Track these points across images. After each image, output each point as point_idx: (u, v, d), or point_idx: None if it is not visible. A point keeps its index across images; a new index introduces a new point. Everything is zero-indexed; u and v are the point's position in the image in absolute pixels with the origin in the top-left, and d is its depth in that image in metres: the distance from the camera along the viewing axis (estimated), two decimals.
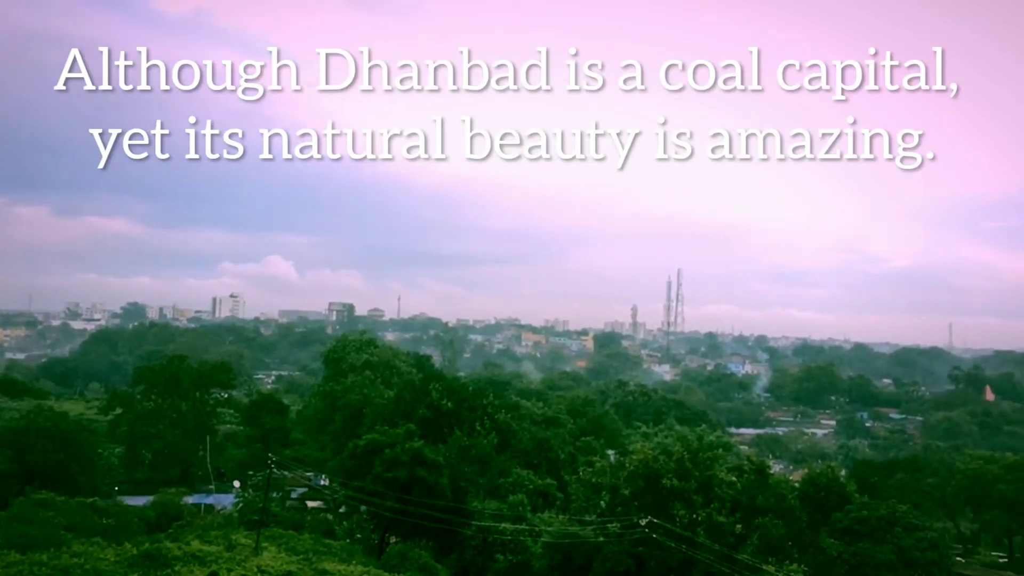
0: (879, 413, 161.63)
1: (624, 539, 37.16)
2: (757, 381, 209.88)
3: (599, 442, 71.74)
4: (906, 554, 40.33)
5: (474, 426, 58.67)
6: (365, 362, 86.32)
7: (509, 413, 63.26)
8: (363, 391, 71.49)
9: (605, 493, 42.45)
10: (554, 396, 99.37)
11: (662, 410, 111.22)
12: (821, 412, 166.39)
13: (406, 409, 60.13)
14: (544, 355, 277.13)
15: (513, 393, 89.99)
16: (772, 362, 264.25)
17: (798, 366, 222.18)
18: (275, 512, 46.78)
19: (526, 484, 50.20)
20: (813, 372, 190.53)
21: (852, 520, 42.56)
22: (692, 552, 36.04)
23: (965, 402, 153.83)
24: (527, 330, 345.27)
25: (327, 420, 73.31)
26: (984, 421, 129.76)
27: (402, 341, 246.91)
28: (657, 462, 40.18)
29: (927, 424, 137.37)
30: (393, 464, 43.07)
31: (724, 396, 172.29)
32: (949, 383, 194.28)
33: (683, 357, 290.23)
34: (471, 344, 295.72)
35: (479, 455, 54.40)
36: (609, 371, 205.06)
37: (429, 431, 54.62)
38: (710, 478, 40.06)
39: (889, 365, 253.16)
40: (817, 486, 45.77)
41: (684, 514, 38.86)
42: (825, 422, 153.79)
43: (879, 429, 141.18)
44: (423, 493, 42.28)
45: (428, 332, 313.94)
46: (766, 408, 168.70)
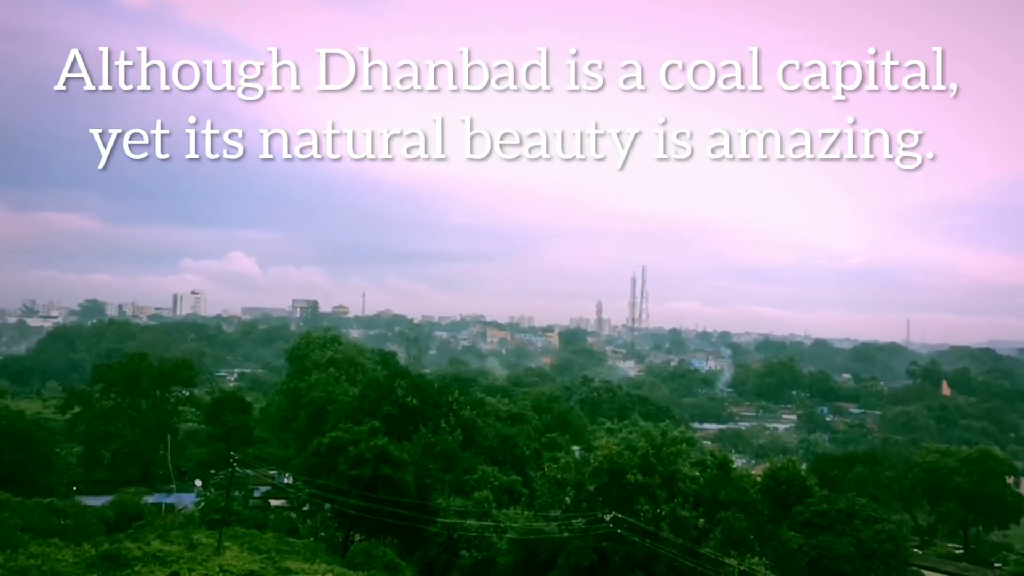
0: (839, 408, 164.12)
1: (589, 534, 37.31)
2: (720, 377, 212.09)
3: (564, 438, 72.04)
4: (865, 546, 41.01)
5: (439, 423, 58.57)
6: (329, 359, 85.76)
7: (474, 410, 63.25)
8: (327, 388, 70.98)
9: (570, 489, 42.57)
10: (519, 392, 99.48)
11: (627, 406, 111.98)
12: (783, 407, 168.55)
13: (371, 406, 59.84)
14: (510, 352, 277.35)
15: (478, 390, 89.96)
16: (735, 358, 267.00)
17: (760, 362, 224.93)
18: (237, 511, 46.31)
19: (491, 481, 50.19)
20: (775, 368, 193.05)
21: (812, 513, 43.19)
22: (656, 547, 36.31)
23: (922, 397, 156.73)
24: (492, 327, 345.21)
25: (291, 418, 72.67)
26: (940, 415, 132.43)
27: (367, 338, 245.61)
28: (622, 457, 40.35)
29: (885, 418, 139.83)
30: (357, 462, 42.84)
31: (688, 392, 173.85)
32: (907, 378, 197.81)
33: (647, 353, 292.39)
34: (436, 341, 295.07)
35: (444, 452, 54.32)
36: (574, 367, 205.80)
37: (394, 428, 54.40)
38: (674, 473, 40.32)
39: (849, 360, 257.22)
40: (778, 480, 46.35)
41: (648, 509, 39.06)
42: (786, 417, 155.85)
43: (839, 423, 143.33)
44: (388, 491, 42.11)
45: (393, 329, 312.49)
46: (729, 403, 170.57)
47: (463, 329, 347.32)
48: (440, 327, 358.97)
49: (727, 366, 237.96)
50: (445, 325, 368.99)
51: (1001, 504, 65.26)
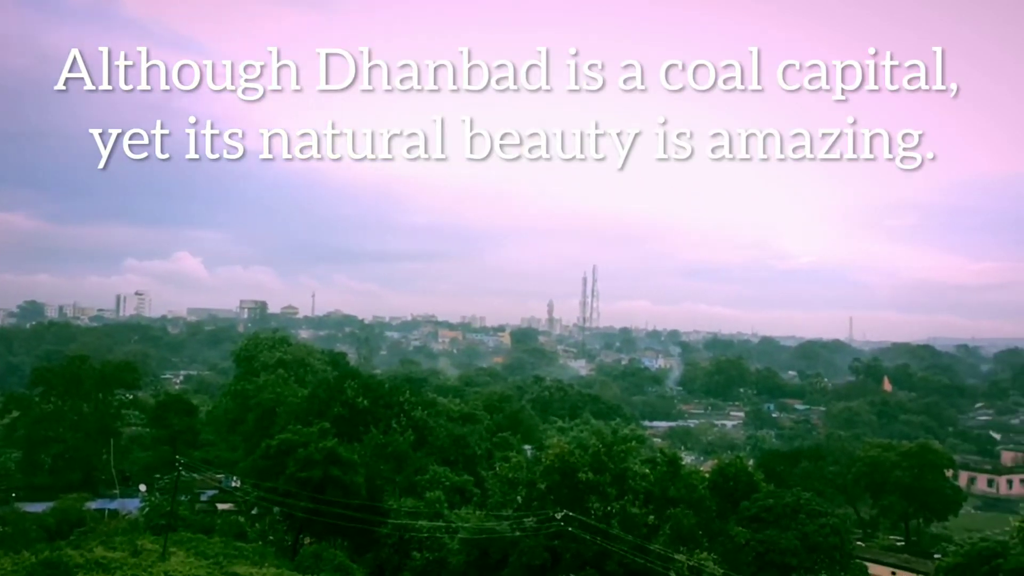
0: (785, 404, 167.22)
1: (540, 533, 37.47)
2: (670, 375, 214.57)
3: (516, 437, 72.11)
4: (810, 540, 41.81)
5: (390, 424, 58.25)
6: (278, 360, 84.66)
7: (426, 410, 63.00)
8: (276, 390, 70.05)
9: (522, 488, 42.67)
10: (471, 392, 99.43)
11: (578, 405, 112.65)
12: (731, 404, 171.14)
13: (320, 408, 59.23)
14: (461, 351, 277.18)
15: (430, 390, 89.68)
16: (684, 356, 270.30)
17: (709, 360, 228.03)
18: (183, 516, 45.53)
19: (443, 481, 50.08)
20: (723, 365, 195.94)
21: (759, 508, 43.90)
22: (606, 544, 36.60)
23: (865, 392, 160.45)
24: (444, 327, 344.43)
25: (238, 420, 71.58)
26: (882, 410, 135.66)
27: (317, 339, 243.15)
28: (573, 456, 40.59)
29: (829, 414, 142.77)
30: (307, 464, 42.42)
31: (638, 390, 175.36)
32: (850, 374, 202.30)
33: (598, 352, 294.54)
34: (387, 341, 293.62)
35: (395, 453, 54.05)
36: (526, 367, 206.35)
37: (344, 429, 53.95)
38: (624, 471, 40.70)
39: (794, 358, 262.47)
40: (726, 476, 47.05)
41: (599, 507, 39.38)
42: (734, 414, 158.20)
43: (785, 420, 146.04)
44: (338, 492, 41.77)
45: (343, 330, 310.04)
46: (678, 401, 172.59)
47: (414, 329, 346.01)
48: (391, 327, 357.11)
49: (676, 364, 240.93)
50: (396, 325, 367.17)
51: (940, 496, 67.07)
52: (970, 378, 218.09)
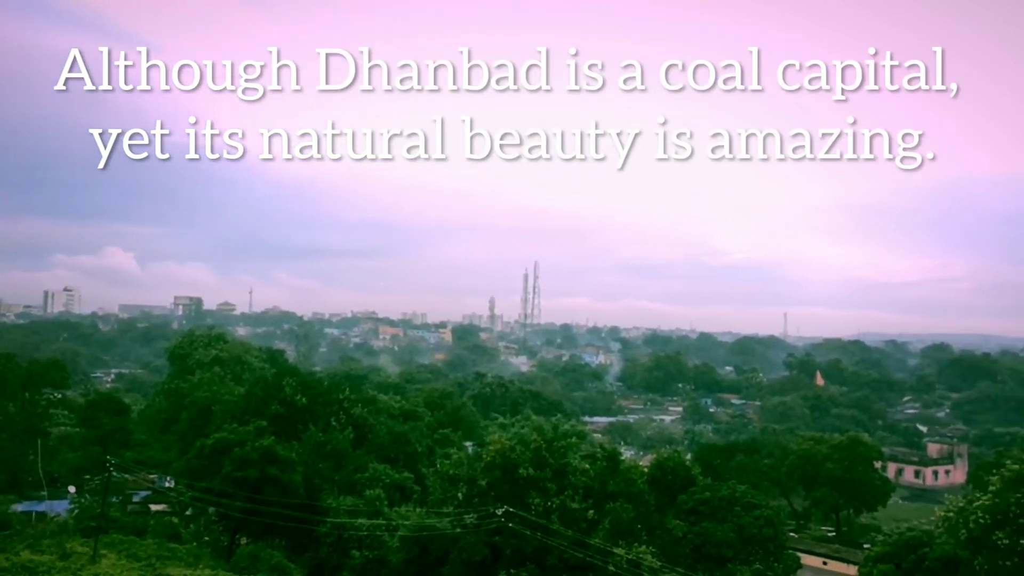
0: (722, 399, 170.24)
1: (481, 529, 37.48)
2: (610, 371, 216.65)
3: (457, 434, 72.06)
4: (745, 532, 42.68)
5: (329, 422, 57.64)
6: (214, 358, 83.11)
7: (366, 407, 62.53)
8: (211, 388, 68.72)
9: (462, 484, 42.64)
10: (412, 389, 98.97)
11: (519, 401, 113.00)
12: (669, 399, 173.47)
13: (258, 406, 58.34)
14: (402, 348, 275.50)
15: (370, 387, 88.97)
16: (624, 352, 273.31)
17: (648, 356, 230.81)
18: (114, 517, 44.40)
19: (383, 478, 49.75)
20: (662, 361, 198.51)
21: (696, 502, 44.67)
22: (546, 539, 36.79)
23: (798, 387, 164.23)
24: (384, 323, 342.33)
25: (172, 419, 70.04)
26: (814, 405, 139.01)
27: (254, 336, 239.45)
28: (514, 452, 40.69)
29: (764, 408, 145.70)
30: (243, 463, 41.71)
31: (579, 386, 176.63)
32: (784, 369, 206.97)
33: (539, 348, 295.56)
34: (327, 338, 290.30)
35: (334, 451, 53.50)
36: (467, 363, 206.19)
37: (282, 428, 53.26)
38: (564, 466, 40.96)
39: (731, 353, 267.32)
40: (664, 470, 47.73)
41: (539, 502, 39.55)
42: (673, 409, 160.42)
43: (721, 414, 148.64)
44: (275, 492, 41.17)
45: (282, 326, 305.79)
46: (618, 397, 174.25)
47: (354, 326, 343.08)
48: (331, 324, 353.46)
49: (616, 360, 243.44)
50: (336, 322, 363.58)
51: (870, 488, 69.02)
52: (898, 372, 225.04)
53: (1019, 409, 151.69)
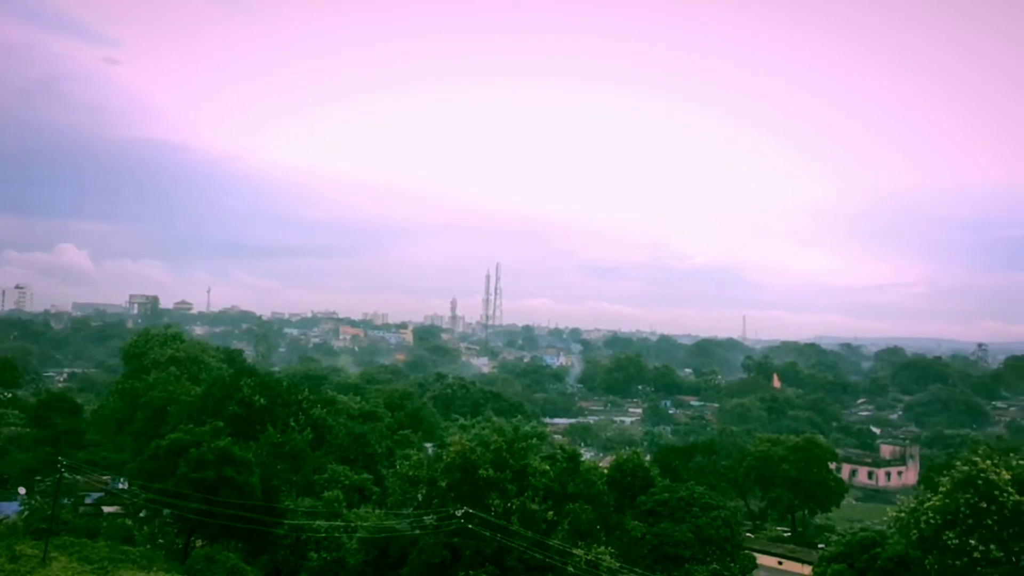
0: (681, 401, 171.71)
1: (440, 531, 37.31)
2: (571, 372, 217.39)
3: (417, 435, 71.77)
4: (702, 532, 43.09)
5: (288, 422, 57.09)
6: (170, 358, 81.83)
7: (325, 408, 62.05)
8: (167, 388, 67.67)
9: (422, 486, 42.45)
10: (372, 390, 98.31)
11: (480, 402, 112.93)
12: (629, 401, 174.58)
13: (215, 406, 57.58)
14: (363, 348, 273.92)
15: (330, 388, 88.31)
16: (585, 354, 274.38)
17: (609, 357, 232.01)
18: (66, 519, 43.58)
19: (342, 480, 49.38)
20: (622, 363, 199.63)
21: (655, 502, 45.00)
22: (506, 540, 36.77)
23: (756, 389, 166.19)
24: (345, 323, 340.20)
25: (127, 420, 68.83)
26: (771, 407, 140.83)
27: (212, 335, 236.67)
28: (474, 453, 40.61)
29: (723, 410, 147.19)
30: (199, 464, 41.14)
31: (540, 387, 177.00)
32: (742, 371, 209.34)
33: (501, 349, 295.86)
34: (287, 338, 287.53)
35: (293, 452, 52.97)
36: (428, 364, 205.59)
37: (240, 429, 52.61)
38: (524, 467, 40.96)
39: (690, 355, 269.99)
40: (624, 471, 48.03)
41: (499, 503, 39.51)
42: (633, 410, 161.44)
43: (681, 416, 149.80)
44: (232, 493, 40.65)
45: (240, 326, 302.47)
46: (579, 398, 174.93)
47: (315, 326, 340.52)
48: (290, 324, 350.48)
49: (577, 362, 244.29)
50: (296, 322, 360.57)
51: (824, 488, 70.07)
52: (853, 375, 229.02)
53: (969, 412, 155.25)
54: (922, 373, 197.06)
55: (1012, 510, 30.72)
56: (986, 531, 30.87)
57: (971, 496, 31.62)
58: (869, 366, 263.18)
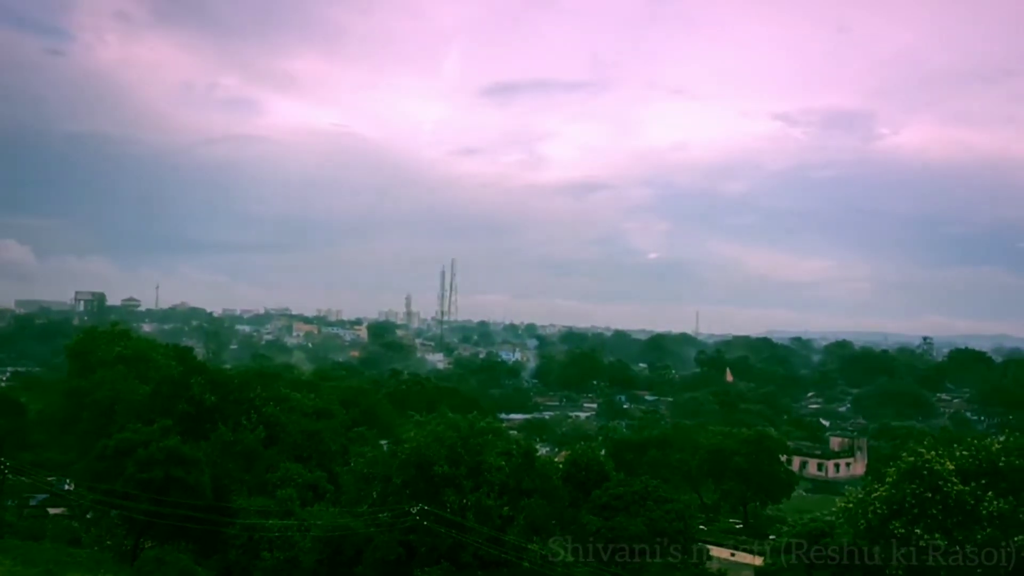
0: (636, 395, 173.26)
1: (395, 528, 37.15)
2: (526, 367, 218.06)
3: (372, 432, 71.33)
4: (656, 525, 43.41)
5: (240, 420, 56.15)
6: (117, 355, 79.85)
7: (278, 406, 61.19)
8: (114, 387, 66.23)
9: (377, 483, 42.22)
10: (326, 387, 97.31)
11: (435, 398, 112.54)
12: (584, 396, 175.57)
13: (164, 405, 56.53)
14: (316, 345, 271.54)
15: (283, 385, 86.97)
16: (540, 349, 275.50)
17: (564, 353, 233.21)
18: (10, 521, 42.62)
19: (295, 478, 48.74)
20: (577, 358, 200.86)
21: (610, 496, 45.24)
22: (461, 536, 36.73)
23: (708, 383, 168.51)
24: (299, 320, 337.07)
25: (73, 420, 67.25)
26: (724, 400, 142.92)
27: (161, 333, 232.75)
28: (429, 449, 40.47)
29: (676, 404, 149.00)
30: (147, 464, 40.39)
31: (495, 383, 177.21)
32: (695, 366, 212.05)
33: (456, 345, 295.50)
34: (238, 335, 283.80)
35: (245, 450, 52.17)
36: (383, 360, 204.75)
37: (190, 428, 51.71)
38: (480, 463, 40.93)
39: (644, 350, 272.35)
40: (579, 466, 48.25)
41: (454, 499, 39.46)
42: (588, 405, 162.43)
43: (635, 410, 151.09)
44: (181, 493, 40.01)
45: (190, 323, 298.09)
46: (534, 393, 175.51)
47: (267, 323, 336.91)
48: (242, 321, 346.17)
49: (532, 357, 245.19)
50: (248, 319, 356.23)
51: (775, 480, 71.22)
52: (803, 368, 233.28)
53: (915, 404, 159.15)
54: (869, 366, 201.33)
55: (956, 499, 31.47)
56: (931, 520, 31.56)
57: (916, 486, 32.30)
58: (818, 360, 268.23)
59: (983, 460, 32.93)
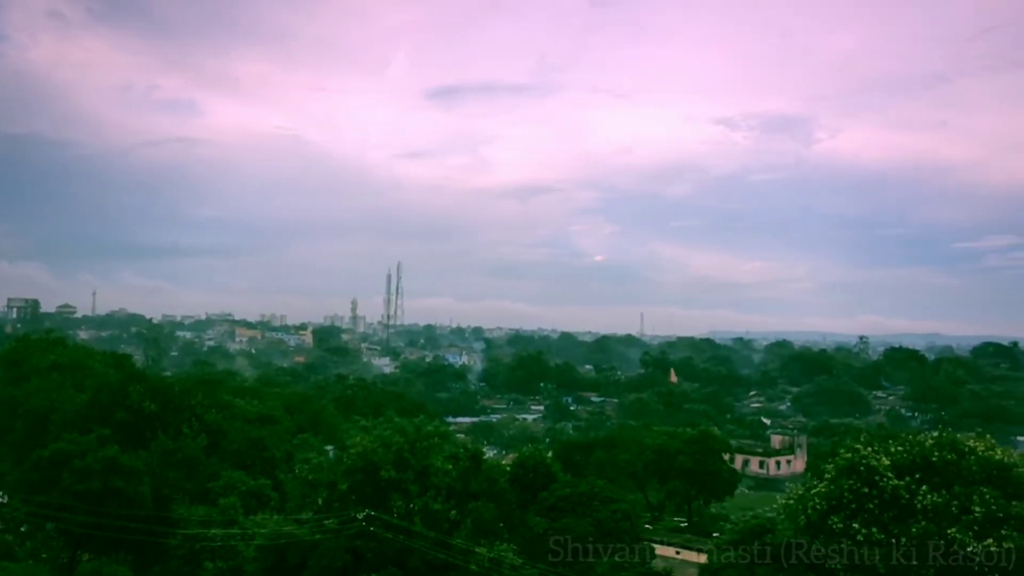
0: (582, 397, 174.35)
1: (341, 534, 36.78)
2: (473, 371, 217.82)
3: (317, 438, 70.53)
4: (603, 525, 43.80)
5: (181, 428, 55.08)
6: (52, 363, 77.63)
7: (220, 413, 60.20)
8: (49, 396, 64.29)
9: (322, 489, 41.79)
10: (270, 393, 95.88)
11: (382, 402, 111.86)
12: (531, 398, 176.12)
13: (101, 414, 55.12)
14: (260, 351, 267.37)
15: (225, 392, 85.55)
16: (487, 352, 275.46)
17: (511, 355, 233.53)
18: None
19: (238, 486, 47.99)
20: (524, 361, 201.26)
21: (557, 498, 45.50)
22: (408, 541, 36.53)
23: (654, 384, 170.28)
24: (241, 325, 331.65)
25: (6, 429, 65.15)
26: (669, 400, 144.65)
27: (98, 340, 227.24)
28: (376, 455, 40.20)
29: (622, 405, 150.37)
30: (84, 474, 39.44)
31: (442, 386, 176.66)
32: (641, 367, 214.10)
33: (403, 349, 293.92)
34: (179, 341, 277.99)
35: (186, 459, 51.16)
36: (329, 365, 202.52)
37: (129, 436, 50.62)
38: (427, 467, 40.77)
39: (590, 352, 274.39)
40: (526, 468, 48.42)
41: (401, 504, 39.26)
42: (535, 407, 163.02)
43: (582, 412, 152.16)
44: (120, 504, 39.12)
45: (129, 330, 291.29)
46: (481, 396, 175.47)
47: (209, 328, 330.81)
48: (183, 327, 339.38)
49: (479, 360, 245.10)
50: (189, 324, 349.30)
51: (719, 479, 72.24)
52: (745, 368, 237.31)
53: (852, 401, 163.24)
54: (808, 365, 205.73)
55: (891, 494, 32.34)
56: (868, 515, 32.39)
57: (854, 482, 33.12)
58: (760, 359, 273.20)
59: (917, 455, 33.91)
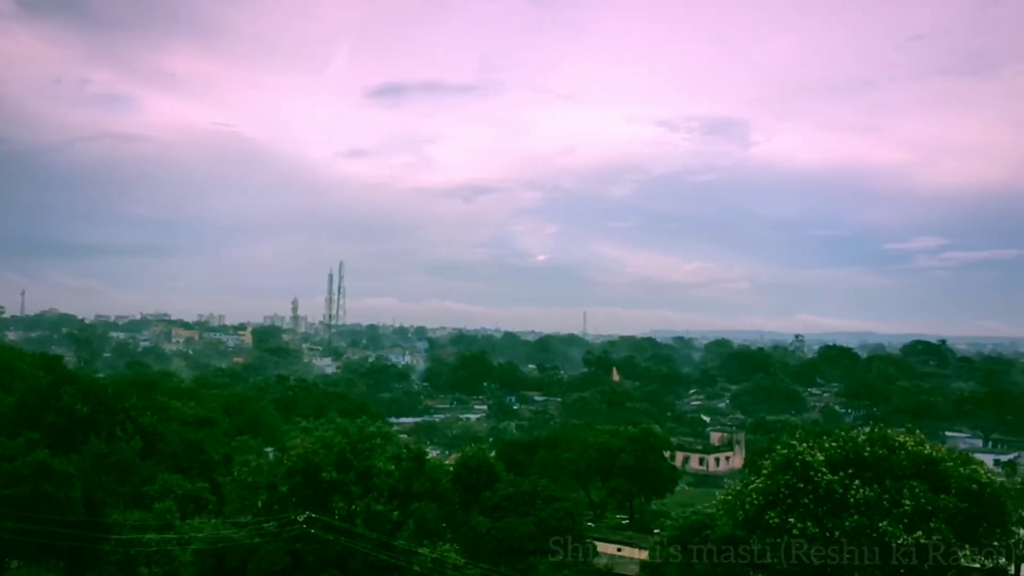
0: (525, 396, 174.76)
1: (281, 537, 36.28)
2: (416, 371, 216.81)
3: (257, 440, 69.44)
4: (545, 524, 44.00)
5: (114, 431, 53.69)
6: None
7: (156, 415, 58.88)
8: None
9: (262, 492, 41.16)
10: (208, 395, 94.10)
11: (323, 403, 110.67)
12: (475, 398, 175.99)
13: (30, 417, 53.47)
14: (197, 352, 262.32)
15: (161, 393, 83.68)
16: (430, 352, 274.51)
17: (454, 355, 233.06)
18: None
19: (174, 489, 46.96)
20: (467, 360, 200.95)
21: (500, 497, 45.57)
22: (350, 543, 36.21)
23: (596, 383, 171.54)
24: (178, 325, 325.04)
25: None
26: (611, 399, 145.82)
27: (27, 341, 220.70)
28: (317, 456, 39.77)
29: (565, 404, 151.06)
30: (13, 479, 38.22)
31: (385, 387, 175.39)
32: (583, 366, 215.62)
33: (345, 350, 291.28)
34: (112, 342, 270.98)
35: (120, 462, 49.89)
36: (269, 366, 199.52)
37: (60, 440, 49.18)
38: (369, 468, 40.47)
39: (534, 351, 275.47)
40: (469, 468, 48.36)
41: (343, 506, 38.89)
42: (478, 407, 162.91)
43: (525, 411, 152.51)
44: (51, 509, 37.97)
45: (60, 330, 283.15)
46: (424, 396, 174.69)
47: (144, 329, 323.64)
48: (117, 327, 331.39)
49: (422, 360, 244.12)
50: (123, 325, 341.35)
51: (660, 476, 73.09)
52: (685, 367, 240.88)
53: (788, 399, 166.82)
54: (746, 363, 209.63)
55: (826, 489, 33.18)
56: (803, 509, 33.17)
57: (790, 477, 33.89)
58: (699, 358, 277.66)
59: (850, 451, 34.84)
